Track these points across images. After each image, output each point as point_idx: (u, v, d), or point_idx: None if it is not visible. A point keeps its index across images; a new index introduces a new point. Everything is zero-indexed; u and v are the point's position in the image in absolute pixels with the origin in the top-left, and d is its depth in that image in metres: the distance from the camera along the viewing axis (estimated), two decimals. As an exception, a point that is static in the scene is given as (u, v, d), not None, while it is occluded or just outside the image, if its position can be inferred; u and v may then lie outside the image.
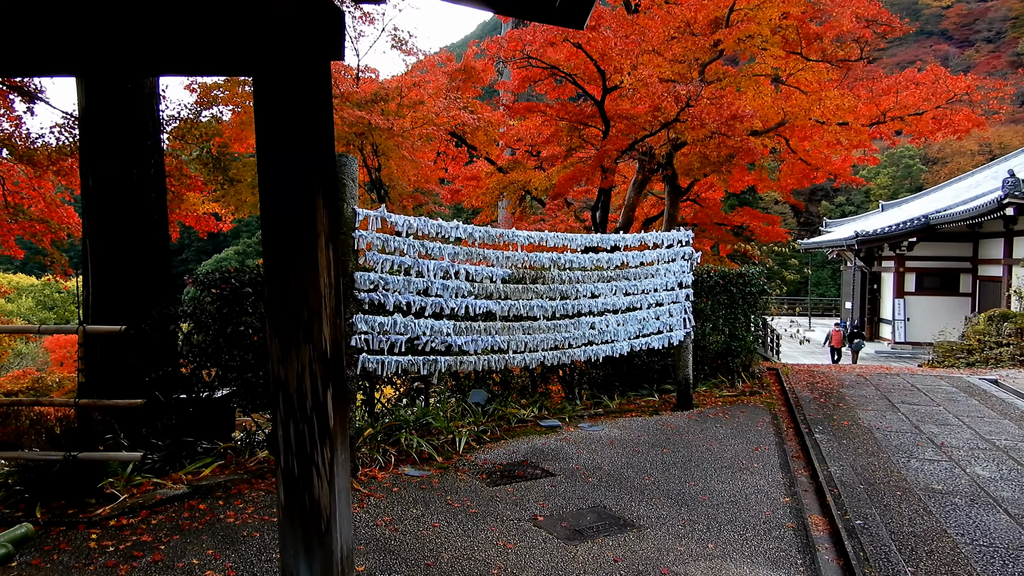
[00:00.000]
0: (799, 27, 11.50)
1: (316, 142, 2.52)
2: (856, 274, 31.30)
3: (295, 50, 2.49)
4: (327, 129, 2.57)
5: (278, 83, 2.49)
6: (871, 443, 7.07)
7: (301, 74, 2.50)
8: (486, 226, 6.76)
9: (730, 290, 10.07)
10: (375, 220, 5.73)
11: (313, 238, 2.49)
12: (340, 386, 2.61)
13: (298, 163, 2.49)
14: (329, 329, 2.55)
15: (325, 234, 2.53)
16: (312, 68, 2.52)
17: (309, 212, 2.49)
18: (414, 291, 5.99)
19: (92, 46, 2.55)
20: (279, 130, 2.49)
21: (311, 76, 2.52)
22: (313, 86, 2.52)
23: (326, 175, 2.54)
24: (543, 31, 10.68)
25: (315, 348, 2.52)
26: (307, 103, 2.50)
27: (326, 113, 2.57)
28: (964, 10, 74.20)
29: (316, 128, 2.52)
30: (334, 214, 2.58)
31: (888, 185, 50.67)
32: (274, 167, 2.49)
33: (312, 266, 2.49)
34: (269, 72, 2.48)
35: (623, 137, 11.39)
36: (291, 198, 2.49)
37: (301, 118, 2.49)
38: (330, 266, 2.56)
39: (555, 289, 7.09)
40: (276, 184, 2.49)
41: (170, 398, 6.27)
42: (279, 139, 2.49)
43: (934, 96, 12.61)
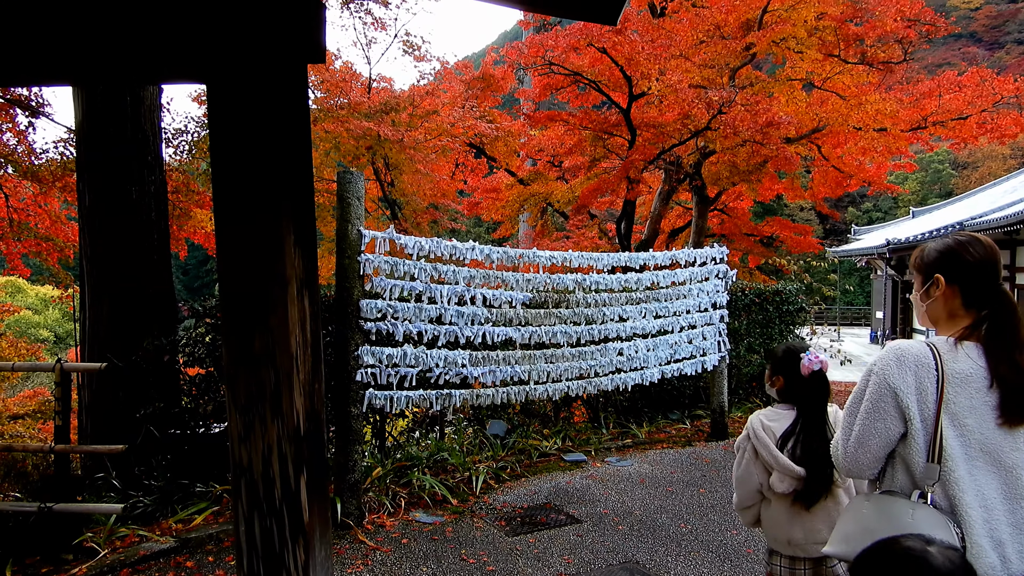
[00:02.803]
0: (837, 28, 10.84)
1: (287, 165, 2.01)
2: (887, 283, 30.37)
3: (258, 49, 1.99)
4: (301, 148, 2.06)
5: (237, 91, 1.98)
6: (928, 480, 6.42)
7: (267, 80, 2.00)
8: (506, 241, 6.24)
9: (766, 308, 9.45)
10: (383, 242, 5.24)
11: (282, 285, 1.98)
12: (318, 470, 2.09)
13: (263, 192, 1.98)
14: (303, 399, 2.03)
15: (298, 280, 2.02)
16: (282, 73, 2.01)
17: (276, 253, 1.97)
18: (426, 319, 5.48)
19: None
20: (238, 151, 1.98)
21: (280, 83, 2.01)
22: (283, 95, 2.02)
23: (299, 206, 2.03)
24: (565, 35, 10.15)
25: (285, 423, 2.00)
26: (275, 116, 2.00)
27: (300, 129, 2.06)
28: (994, 12, 72.57)
29: (287, 148, 2.02)
30: (309, 254, 2.06)
31: (917, 191, 49.44)
32: (232, 197, 1.99)
33: (281, 320, 1.98)
34: (225, 77, 1.98)
35: (650, 146, 10.80)
36: (254, 236, 1.98)
37: (267, 136, 1.98)
38: (304, 320, 2.04)
39: (580, 313, 6.54)
40: (234, 219, 1.98)
41: (165, 434, 5.81)
42: (238, 162, 1.98)
43: (979, 99, 11.87)
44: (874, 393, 1.92)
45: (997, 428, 1.84)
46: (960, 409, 1.84)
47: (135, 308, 6.54)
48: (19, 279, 26.89)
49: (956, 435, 1.84)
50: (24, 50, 2.11)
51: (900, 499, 1.86)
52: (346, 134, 9.52)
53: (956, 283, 1.99)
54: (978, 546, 1.78)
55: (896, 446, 1.92)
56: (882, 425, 1.90)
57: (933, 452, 1.84)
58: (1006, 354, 1.86)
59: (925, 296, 2.08)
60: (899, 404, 1.88)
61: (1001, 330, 1.89)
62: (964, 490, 1.81)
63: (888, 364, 1.90)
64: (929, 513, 1.79)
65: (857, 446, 1.95)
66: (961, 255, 2.01)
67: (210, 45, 2.00)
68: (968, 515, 1.79)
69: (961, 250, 2.01)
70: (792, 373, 2.84)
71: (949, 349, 1.90)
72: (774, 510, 2.79)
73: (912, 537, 1.62)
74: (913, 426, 1.86)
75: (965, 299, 1.98)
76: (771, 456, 2.72)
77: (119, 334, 6.40)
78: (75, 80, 3.07)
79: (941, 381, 1.86)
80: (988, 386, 1.85)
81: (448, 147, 11.55)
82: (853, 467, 1.99)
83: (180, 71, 2.18)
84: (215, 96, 1.99)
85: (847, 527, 1.94)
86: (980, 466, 1.84)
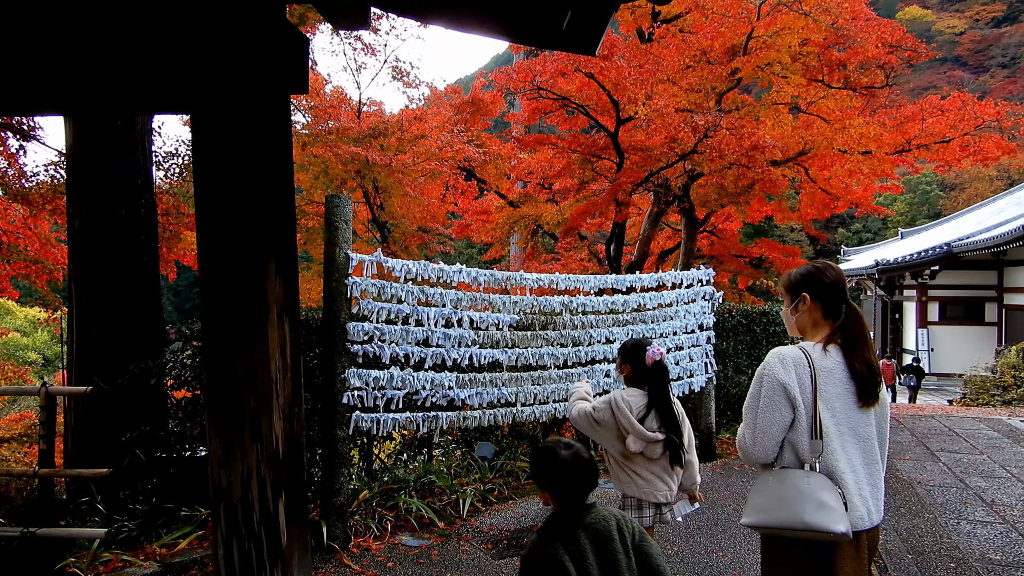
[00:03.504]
0: (821, 53, 11.07)
1: (268, 193, 2.06)
2: (877, 303, 30.58)
3: (241, 82, 2.05)
4: (284, 176, 2.11)
5: (221, 120, 2.04)
6: (914, 500, 6.45)
7: (250, 111, 2.05)
8: (496, 263, 6.30)
9: (753, 330, 9.52)
10: (370, 265, 5.29)
11: (263, 312, 2.02)
12: (296, 494, 2.12)
13: (244, 220, 2.03)
14: (283, 423, 2.06)
15: (279, 306, 2.06)
16: (265, 104, 2.07)
17: (258, 280, 2.02)
18: (413, 341, 5.52)
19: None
20: (220, 178, 2.03)
21: (264, 113, 2.07)
22: (265, 125, 2.07)
23: (281, 233, 2.08)
24: (553, 61, 10.32)
25: (264, 448, 2.04)
26: (257, 146, 2.05)
27: (283, 157, 2.12)
28: (978, 36, 73.88)
29: (269, 175, 2.07)
30: (290, 280, 2.11)
31: (906, 212, 49.93)
32: (214, 224, 2.03)
33: (261, 346, 2.02)
34: (208, 108, 2.04)
35: (638, 169, 10.94)
36: (235, 263, 2.02)
37: (249, 164, 2.04)
38: (285, 345, 2.08)
39: (567, 335, 6.59)
40: (216, 245, 2.03)
41: (151, 458, 5.79)
42: (220, 189, 2.03)
43: (961, 123, 12.10)
44: (768, 390, 2.39)
45: (856, 409, 2.41)
46: (830, 396, 2.38)
47: (123, 331, 6.54)
48: (8, 301, 26.75)
49: (829, 416, 2.37)
50: (20, 85, 2.16)
51: (797, 471, 2.35)
52: (334, 159, 9.60)
53: (818, 299, 2.55)
54: (852, 503, 2.31)
55: (787, 432, 2.40)
56: (779, 414, 2.37)
57: (815, 431, 2.34)
58: (858, 353, 2.42)
59: (794, 310, 2.63)
60: (788, 395, 2.36)
61: (853, 335, 2.46)
62: (839, 459, 2.35)
63: (775, 366, 2.39)
64: (820, 478, 2.31)
65: (763, 435, 2.39)
66: (820, 278, 2.56)
67: (195, 78, 2.05)
68: (844, 479, 2.33)
69: (819, 274, 2.57)
70: (638, 363, 3.64)
71: (817, 351, 2.44)
72: (637, 466, 3.55)
73: (555, 440, 2.35)
74: (799, 412, 2.36)
75: (824, 312, 2.54)
76: (629, 424, 3.46)
77: (107, 357, 6.39)
78: (66, 112, 3.13)
79: (814, 375, 2.37)
80: (848, 377, 2.41)
81: (437, 170, 11.65)
82: (760, 453, 2.42)
83: (166, 103, 2.24)
84: (201, 123, 2.04)
85: (759, 499, 2.39)
86: (848, 440, 2.39)
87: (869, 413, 2.43)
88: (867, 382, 2.40)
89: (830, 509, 2.24)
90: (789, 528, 2.30)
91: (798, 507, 2.27)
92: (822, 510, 2.24)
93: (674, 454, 3.57)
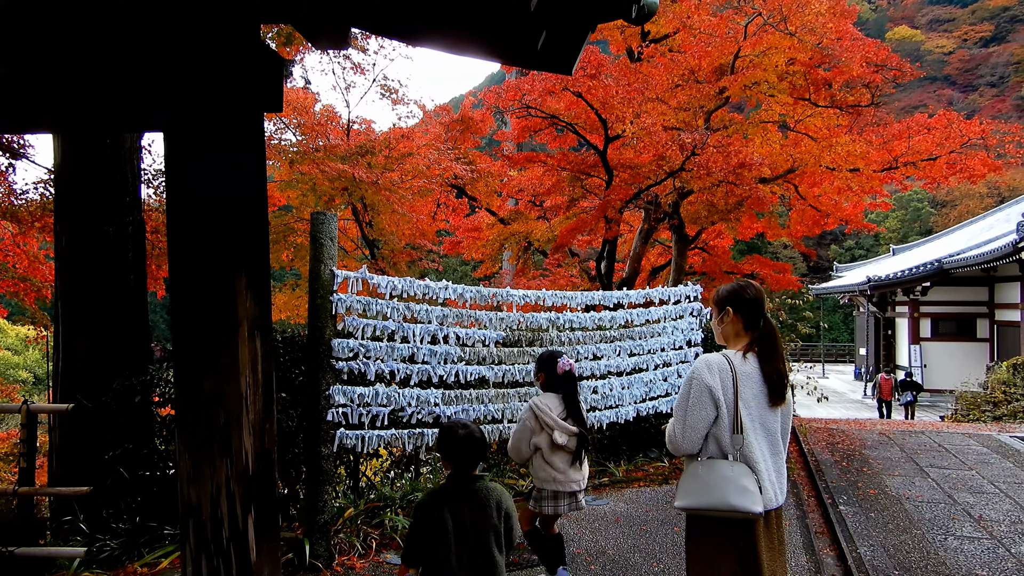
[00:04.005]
0: (807, 73, 11.20)
1: (240, 208, 2.07)
2: (870, 320, 30.64)
3: (214, 98, 2.07)
4: (255, 192, 2.13)
5: (193, 136, 2.06)
6: (902, 516, 6.44)
7: (222, 127, 2.07)
8: (487, 280, 6.32)
9: (742, 346, 9.53)
10: (356, 282, 5.29)
11: (232, 327, 2.03)
12: (267, 510, 2.11)
13: (215, 234, 2.04)
14: (252, 439, 2.06)
15: (249, 321, 2.07)
16: (237, 120, 2.09)
17: (228, 295, 2.03)
18: (398, 358, 5.51)
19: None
20: (191, 193, 2.05)
21: (235, 129, 2.09)
22: (238, 141, 2.09)
23: (253, 248, 2.09)
24: (541, 80, 10.41)
25: (234, 463, 2.03)
26: (229, 160, 2.07)
27: (255, 172, 2.14)
28: (966, 56, 74.79)
29: (240, 191, 2.09)
30: (262, 295, 2.12)
31: (898, 228, 50.26)
32: (183, 238, 2.05)
33: (231, 362, 2.02)
34: (180, 123, 2.06)
35: (627, 187, 11.01)
36: (204, 277, 2.03)
37: (220, 178, 2.05)
38: (256, 361, 2.08)
39: (554, 351, 6.59)
40: (185, 259, 2.04)
41: (135, 476, 5.75)
42: (191, 204, 2.05)
43: (947, 141, 12.22)
44: (696, 392, 2.79)
45: (767, 408, 2.85)
46: (747, 397, 2.80)
47: (110, 348, 6.52)
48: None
49: (747, 414, 2.79)
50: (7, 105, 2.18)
51: (722, 461, 2.77)
52: (321, 176, 9.63)
53: (739, 313, 2.96)
54: (764, 488, 2.75)
55: (711, 427, 2.80)
56: (704, 413, 2.77)
57: (736, 427, 2.76)
58: (771, 362, 2.86)
59: (720, 322, 3.05)
60: (713, 396, 2.76)
61: (768, 346, 2.89)
62: (754, 451, 2.78)
63: (703, 372, 2.80)
64: (741, 467, 2.74)
65: (691, 430, 2.79)
66: (742, 294, 2.98)
67: (166, 94, 2.08)
68: (758, 467, 2.76)
69: (742, 291, 2.99)
70: (551, 371, 4.35)
71: (738, 358, 2.86)
72: (557, 459, 4.24)
73: (456, 421, 3.03)
74: (722, 411, 2.77)
75: (745, 324, 2.96)
76: (554, 421, 4.18)
77: (93, 374, 6.36)
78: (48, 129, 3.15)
79: (735, 379, 2.79)
80: (762, 381, 2.84)
81: (427, 188, 11.69)
82: (688, 446, 2.83)
83: (144, 120, 2.26)
84: (172, 141, 2.06)
85: (691, 485, 2.81)
86: (760, 434, 2.82)
87: (777, 411, 2.88)
88: (777, 386, 2.85)
89: (750, 493, 2.69)
90: (716, 509, 2.73)
91: (724, 491, 2.70)
92: (744, 494, 2.68)
93: (582, 447, 4.31)
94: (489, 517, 2.83)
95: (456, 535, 2.75)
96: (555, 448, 4.21)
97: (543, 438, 4.24)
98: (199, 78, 2.09)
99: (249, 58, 2.13)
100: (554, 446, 4.20)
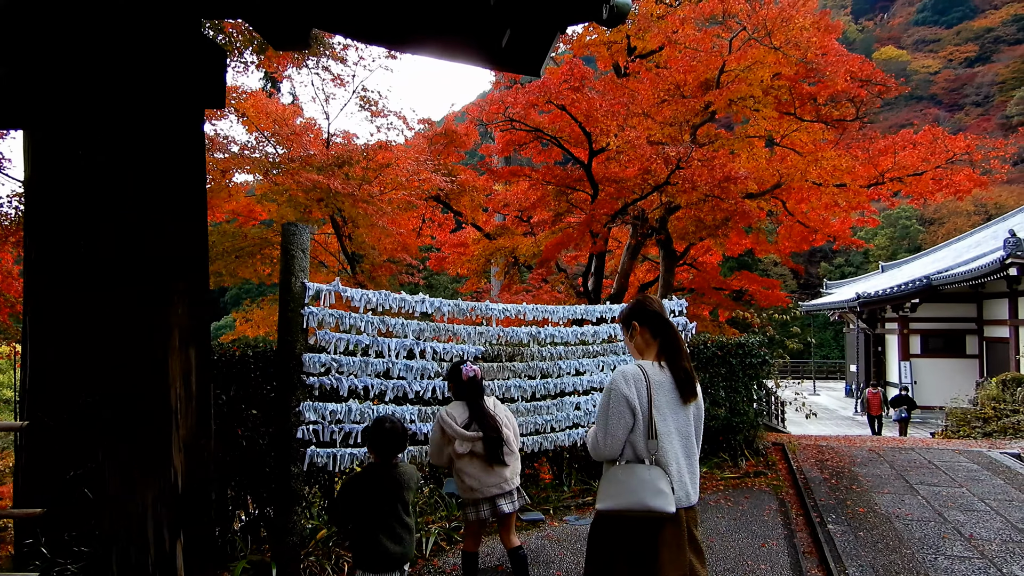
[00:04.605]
0: (792, 87, 11.18)
1: (174, 208, 1.94)
2: (859, 336, 30.63)
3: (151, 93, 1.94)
4: (193, 191, 2.00)
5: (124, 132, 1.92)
6: (891, 535, 6.30)
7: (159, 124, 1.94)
8: (473, 296, 6.17)
9: (729, 362, 9.40)
10: (328, 295, 5.14)
11: (162, 336, 1.88)
12: (199, 534, 1.96)
13: (146, 236, 1.90)
14: (183, 457, 1.91)
15: (182, 330, 1.93)
16: (175, 117, 1.96)
17: (156, 301, 1.88)
18: (373, 373, 5.35)
19: None
20: (116, 189, 1.91)
21: (173, 127, 1.96)
22: (176, 138, 1.96)
23: (188, 253, 1.95)
24: (525, 93, 10.35)
25: (161, 483, 1.88)
26: (161, 157, 1.93)
27: (192, 170, 2.01)
28: (952, 75, 75.68)
29: (174, 189, 1.95)
30: (198, 303, 1.97)
31: (886, 246, 50.51)
32: (109, 239, 1.90)
33: (159, 373, 1.88)
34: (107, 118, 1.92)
35: (613, 201, 10.92)
36: (132, 281, 1.89)
37: (152, 175, 1.92)
38: (189, 372, 1.94)
39: (535, 367, 6.44)
40: (109, 262, 1.90)
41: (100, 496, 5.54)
42: (114, 201, 1.91)
43: (933, 156, 12.21)
44: (614, 402, 3.00)
45: (681, 411, 3.10)
46: (661, 404, 3.03)
47: (79, 366, 6.33)
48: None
49: (661, 420, 3.02)
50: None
51: (640, 465, 2.97)
52: (295, 186, 9.47)
53: (645, 325, 3.25)
54: (677, 489, 2.97)
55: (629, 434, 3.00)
56: (623, 421, 2.98)
57: (650, 432, 2.98)
58: (677, 363, 3.13)
59: (630, 339, 3.32)
60: (630, 405, 2.98)
61: (673, 349, 3.17)
62: (668, 454, 3.01)
63: (620, 383, 3.02)
64: (657, 470, 2.96)
65: (612, 438, 2.99)
66: (644, 308, 3.30)
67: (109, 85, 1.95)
68: (671, 470, 2.99)
69: (643, 305, 3.32)
70: (458, 380, 4.58)
71: (654, 368, 3.11)
72: (467, 466, 4.36)
73: (383, 417, 3.82)
74: (638, 418, 2.98)
75: (652, 334, 3.23)
76: (454, 431, 4.32)
77: (64, 391, 6.16)
78: None
79: (650, 388, 3.02)
80: (674, 386, 3.09)
81: (408, 201, 11.53)
82: (609, 452, 3.04)
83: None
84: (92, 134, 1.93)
85: (610, 488, 3.01)
86: (674, 438, 3.05)
87: (689, 412, 3.13)
88: (686, 384, 3.12)
89: (665, 495, 2.91)
90: (634, 510, 2.92)
91: (642, 493, 2.90)
92: (660, 496, 2.90)
93: (491, 452, 4.35)
94: (402, 491, 3.67)
95: (377, 504, 3.56)
96: (462, 456, 4.35)
97: (453, 447, 4.37)
98: (131, 70, 1.96)
99: (189, 50, 2.01)
100: (460, 454, 4.34)
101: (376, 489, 3.58)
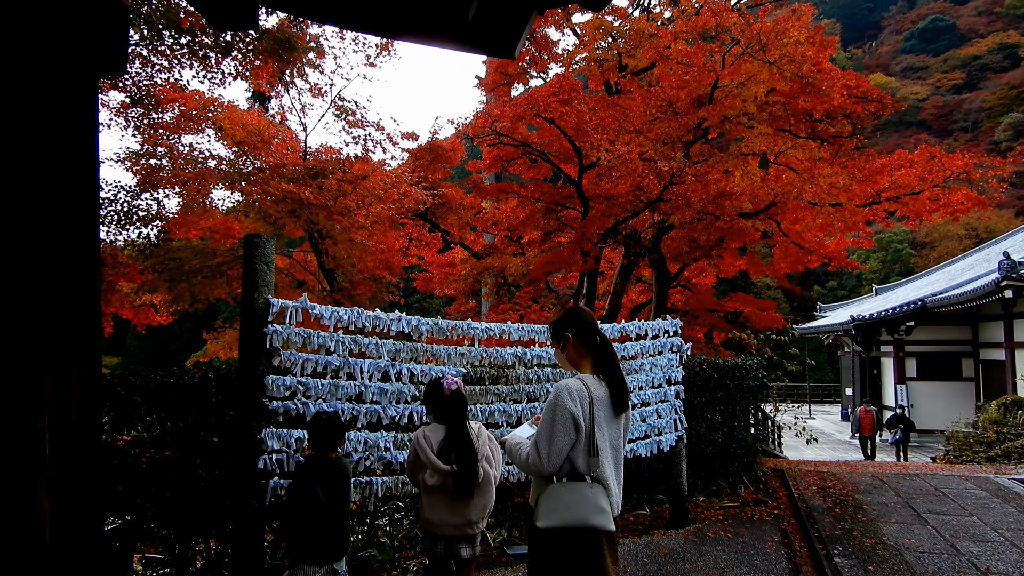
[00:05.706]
0: (787, 103, 10.93)
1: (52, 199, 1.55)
2: (855, 359, 30.32)
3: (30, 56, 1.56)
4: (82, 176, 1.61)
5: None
6: (903, 569, 5.88)
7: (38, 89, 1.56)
8: (456, 316, 5.78)
9: (726, 385, 9.01)
10: (294, 312, 4.75)
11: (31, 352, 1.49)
12: None
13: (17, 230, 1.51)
14: (51, 500, 1.50)
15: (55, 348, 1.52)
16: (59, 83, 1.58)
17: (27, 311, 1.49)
18: (343, 397, 4.94)
19: None
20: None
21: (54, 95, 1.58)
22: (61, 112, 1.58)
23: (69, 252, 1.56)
24: (512, 106, 10.06)
25: (24, 533, 1.47)
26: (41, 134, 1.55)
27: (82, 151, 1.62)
28: (940, 102, 76.37)
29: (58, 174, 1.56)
30: (83, 314, 1.58)
31: (878, 269, 50.48)
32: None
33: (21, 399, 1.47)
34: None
35: (604, 218, 10.59)
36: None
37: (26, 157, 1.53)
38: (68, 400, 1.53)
39: (520, 390, 6.03)
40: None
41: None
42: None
43: (930, 175, 11.95)
44: (560, 418, 2.92)
45: (615, 425, 3.09)
46: (600, 419, 3.01)
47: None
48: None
49: (601, 436, 3.00)
50: None
51: (582, 482, 2.94)
52: (263, 196, 9.07)
53: (577, 337, 3.18)
54: (612, 503, 2.99)
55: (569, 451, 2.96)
56: (567, 437, 2.93)
57: (592, 449, 2.96)
58: (611, 375, 3.11)
59: (562, 350, 3.24)
60: (576, 422, 2.92)
61: (607, 361, 3.16)
62: (605, 468, 3.00)
63: (566, 399, 2.93)
64: (597, 487, 2.95)
65: (556, 455, 2.93)
66: (577, 319, 3.24)
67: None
68: (608, 484, 2.99)
69: (576, 317, 3.25)
70: (437, 399, 3.99)
71: (595, 382, 3.08)
72: (431, 498, 3.84)
73: (321, 411, 4.18)
74: (581, 434, 2.95)
75: (585, 346, 3.18)
76: (427, 458, 3.76)
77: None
78: None
79: (592, 403, 2.99)
80: (610, 401, 3.07)
81: (393, 218, 11.13)
82: (551, 468, 2.95)
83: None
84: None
85: (551, 504, 2.93)
86: (609, 454, 3.03)
87: (620, 424, 3.13)
88: (620, 396, 3.10)
89: (606, 512, 2.92)
90: (577, 527, 2.87)
91: (584, 510, 2.87)
92: (601, 513, 2.89)
93: (461, 488, 3.75)
94: (348, 482, 3.96)
95: (326, 495, 3.71)
96: (430, 488, 3.80)
97: (424, 476, 3.81)
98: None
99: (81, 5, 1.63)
100: (429, 486, 3.79)
101: (324, 481, 3.72)
